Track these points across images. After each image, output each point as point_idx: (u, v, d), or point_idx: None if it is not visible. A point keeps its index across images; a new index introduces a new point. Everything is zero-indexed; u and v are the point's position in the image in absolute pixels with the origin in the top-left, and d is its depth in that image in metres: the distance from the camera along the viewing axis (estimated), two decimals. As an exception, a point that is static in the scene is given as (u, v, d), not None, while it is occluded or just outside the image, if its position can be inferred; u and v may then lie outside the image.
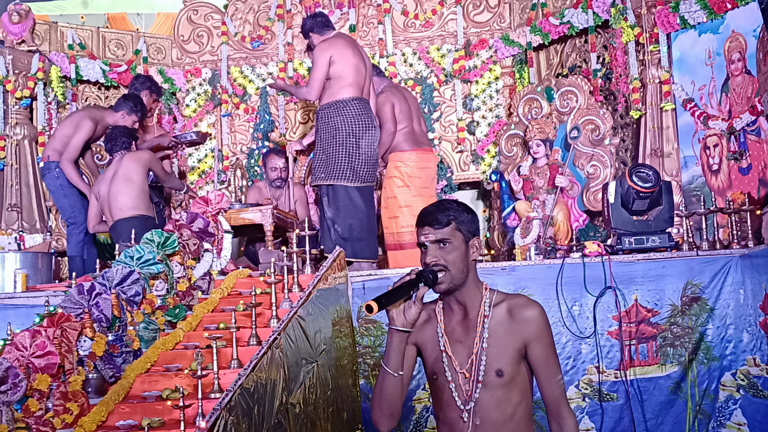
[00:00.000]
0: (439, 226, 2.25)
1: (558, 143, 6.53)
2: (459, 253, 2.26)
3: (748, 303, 4.72)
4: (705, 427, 4.75)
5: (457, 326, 2.31)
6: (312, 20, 5.82)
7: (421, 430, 4.93)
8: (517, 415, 2.25)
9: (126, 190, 5.56)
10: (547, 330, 2.28)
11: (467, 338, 2.28)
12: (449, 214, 2.26)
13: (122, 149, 5.77)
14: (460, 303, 2.31)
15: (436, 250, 2.25)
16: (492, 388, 2.23)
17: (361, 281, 5.09)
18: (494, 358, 2.24)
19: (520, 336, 2.25)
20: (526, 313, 2.27)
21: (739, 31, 5.69)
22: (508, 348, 2.25)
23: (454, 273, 2.25)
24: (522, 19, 7.36)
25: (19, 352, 2.98)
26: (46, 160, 6.30)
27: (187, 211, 4.84)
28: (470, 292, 2.30)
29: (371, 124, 5.59)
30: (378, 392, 2.31)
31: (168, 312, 4.00)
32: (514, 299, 2.31)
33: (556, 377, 2.28)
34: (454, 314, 2.33)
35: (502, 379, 2.23)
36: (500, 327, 2.26)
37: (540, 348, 2.26)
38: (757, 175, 5.43)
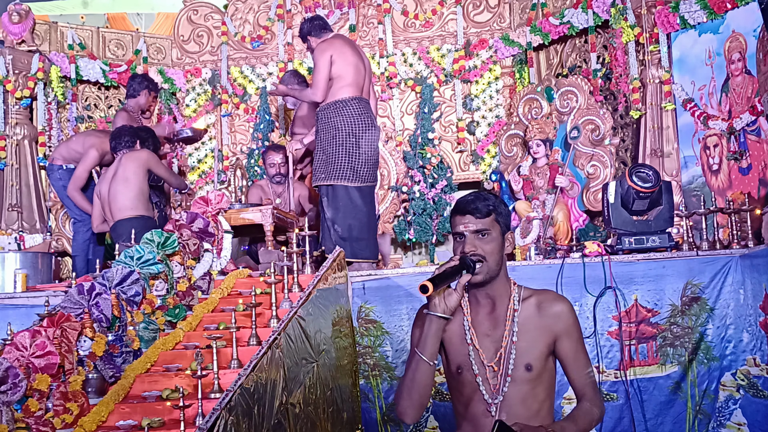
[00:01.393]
0: (480, 215, 2.23)
1: (558, 143, 6.53)
2: (497, 244, 2.24)
3: (748, 303, 4.72)
4: (705, 427, 4.75)
5: (485, 320, 2.30)
6: (309, 23, 5.84)
7: (421, 430, 4.94)
8: (542, 412, 2.25)
9: (124, 191, 5.55)
10: (576, 324, 2.29)
11: (495, 332, 2.27)
12: (489, 204, 2.24)
13: (125, 148, 5.76)
14: (490, 296, 2.30)
15: (474, 240, 2.23)
16: (520, 382, 2.22)
17: (361, 281, 5.09)
18: (523, 352, 2.23)
19: (550, 330, 2.26)
20: (556, 308, 2.27)
21: (739, 31, 5.69)
22: (537, 342, 2.25)
23: (491, 264, 2.23)
24: (522, 19, 7.36)
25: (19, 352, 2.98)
26: (51, 161, 6.47)
27: (187, 211, 4.83)
28: (500, 287, 2.29)
29: (371, 124, 5.60)
30: (409, 381, 2.26)
31: (168, 312, 4.00)
32: (542, 294, 2.32)
33: (586, 370, 2.29)
34: (481, 307, 2.31)
35: (531, 374, 2.23)
36: (529, 321, 2.26)
37: (569, 342, 2.27)
38: (757, 175, 5.43)
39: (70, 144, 6.53)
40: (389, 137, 7.41)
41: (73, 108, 7.48)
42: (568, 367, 2.29)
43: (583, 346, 2.30)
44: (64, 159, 6.43)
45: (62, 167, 6.39)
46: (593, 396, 2.29)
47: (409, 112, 7.62)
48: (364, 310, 5.04)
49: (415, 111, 7.52)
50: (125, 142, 5.81)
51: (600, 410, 2.29)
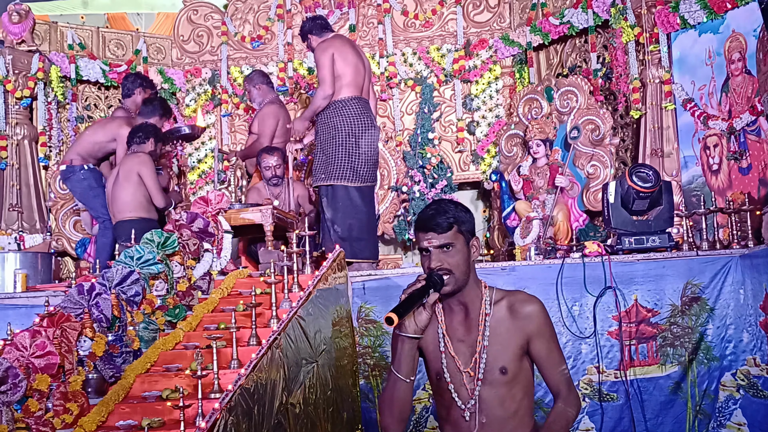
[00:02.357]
0: (441, 230, 2.25)
1: (558, 143, 6.53)
2: (462, 255, 2.26)
3: (748, 303, 4.72)
4: (705, 427, 4.75)
5: (459, 326, 2.32)
6: (311, 22, 5.84)
7: (420, 430, 4.94)
8: (521, 411, 2.27)
9: (124, 191, 5.55)
10: (547, 324, 2.30)
11: (469, 337, 2.29)
12: (449, 217, 2.25)
13: (134, 144, 5.71)
14: (462, 303, 2.31)
15: (439, 255, 2.26)
16: (496, 385, 2.24)
17: (361, 281, 5.09)
18: (497, 355, 2.25)
19: (522, 332, 2.27)
20: (526, 309, 2.28)
21: (739, 31, 5.69)
22: (510, 345, 2.26)
23: (458, 275, 2.26)
24: (522, 19, 7.35)
25: (19, 352, 2.98)
26: (69, 163, 6.14)
27: (187, 211, 4.83)
28: (471, 292, 2.31)
29: (371, 124, 5.60)
30: (389, 398, 2.30)
31: (168, 312, 4.00)
32: (513, 296, 2.32)
33: (559, 368, 2.30)
34: (454, 314, 2.33)
35: (506, 377, 2.25)
36: (501, 324, 2.27)
37: (542, 342, 2.28)
38: (757, 175, 5.43)
39: (89, 138, 6.22)
40: (389, 137, 7.41)
41: (73, 108, 7.49)
42: (542, 366, 2.30)
43: (556, 345, 2.32)
44: (84, 158, 6.14)
45: (83, 167, 6.11)
46: (567, 394, 2.30)
47: (409, 112, 7.62)
48: (364, 310, 5.04)
49: (415, 111, 7.52)
50: (138, 138, 5.71)
51: (575, 408, 2.31)
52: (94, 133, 6.24)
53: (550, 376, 2.30)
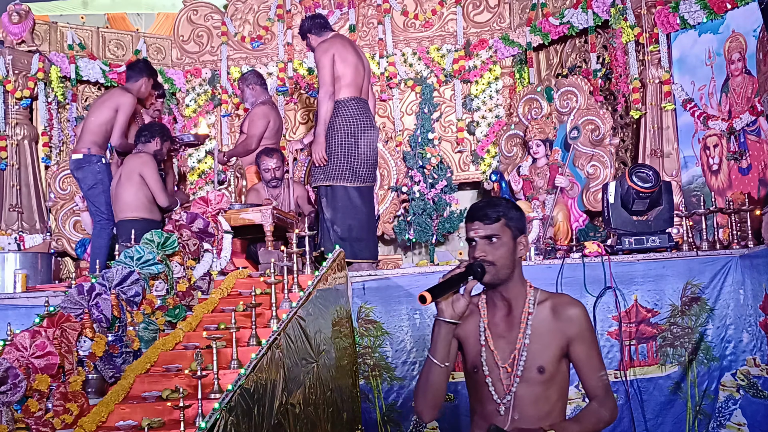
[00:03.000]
0: (488, 221, 2.29)
1: (558, 143, 6.53)
2: (507, 249, 2.29)
3: (748, 303, 4.72)
4: (705, 427, 4.75)
5: (501, 321, 2.35)
6: (310, 21, 5.83)
7: (420, 430, 4.94)
8: (554, 413, 2.29)
9: (125, 192, 5.55)
10: (589, 328, 2.33)
11: (510, 334, 2.31)
12: (499, 210, 2.30)
13: (140, 143, 5.69)
14: (505, 299, 2.35)
15: (484, 245, 2.29)
16: (532, 384, 2.26)
17: (361, 281, 5.09)
18: (536, 354, 2.28)
19: (563, 334, 2.29)
20: (570, 312, 2.31)
21: (739, 31, 5.69)
22: (550, 345, 2.29)
23: (500, 268, 2.28)
24: (522, 19, 7.35)
25: (19, 353, 2.98)
26: (86, 152, 5.85)
27: (187, 211, 4.83)
28: (515, 289, 2.34)
29: (370, 124, 5.60)
30: (423, 383, 2.34)
31: (168, 312, 4.00)
32: (557, 298, 2.36)
33: (598, 373, 2.32)
34: (497, 310, 2.36)
35: (543, 376, 2.27)
36: (543, 325, 2.30)
37: (582, 346, 2.30)
38: (757, 175, 5.43)
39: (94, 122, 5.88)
40: (389, 137, 7.41)
41: (73, 108, 7.49)
42: (581, 370, 2.33)
43: (596, 350, 2.34)
44: (100, 147, 5.88)
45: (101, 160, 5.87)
46: (604, 398, 2.32)
47: (409, 112, 7.62)
48: (364, 311, 5.04)
49: (415, 111, 7.52)
50: (143, 136, 5.68)
51: (610, 413, 2.31)
52: (98, 115, 5.92)
53: (589, 381, 2.32)
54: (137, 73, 6.11)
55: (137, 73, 6.11)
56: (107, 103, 5.94)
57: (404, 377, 4.98)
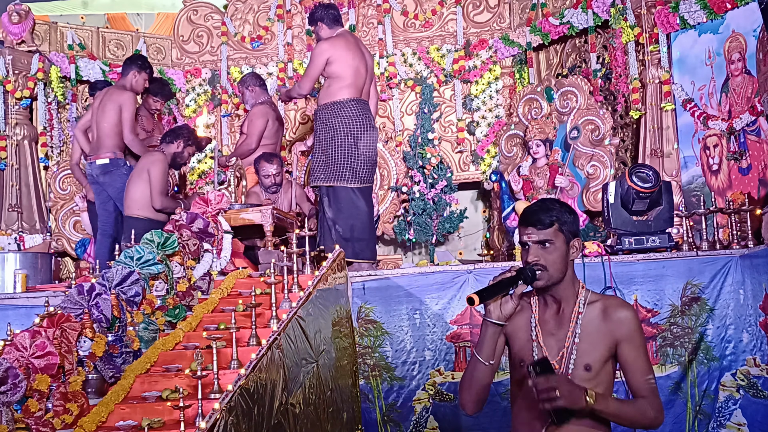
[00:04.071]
0: (542, 226, 2.31)
1: (558, 143, 6.53)
2: (560, 253, 2.32)
3: (748, 303, 4.72)
4: (705, 427, 4.75)
5: (551, 319, 2.38)
6: (324, 10, 5.76)
7: (420, 430, 4.93)
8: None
9: (133, 188, 5.56)
10: (638, 331, 2.34)
11: (559, 332, 2.35)
12: (552, 215, 2.32)
13: (164, 143, 5.72)
14: (556, 299, 2.38)
15: (538, 250, 2.31)
16: (578, 381, 2.28)
17: (361, 281, 5.09)
18: (584, 353, 2.30)
19: (612, 335, 2.32)
20: (620, 314, 2.33)
21: (739, 31, 5.69)
22: (598, 345, 2.31)
23: (553, 272, 2.31)
24: (522, 20, 7.36)
25: (19, 353, 2.98)
26: (112, 157, 5.91)
27: (187, 211, 4.83)
28: (566, 290, 2.36)
29: (369, 125, 5.60)
30: (468, 378, 2.38)
31: (168, 312, 4.00)
32: (608, 300, 2.38)
33: (646, 376, 2.33)
34: (548, 308, 2.40)
35: (589, 374, 2.30)
36: (592, 324, 2.33)
37: (630, 348, 2.32)
38: (757, 175, 5.43)
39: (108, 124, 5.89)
40: (389, 137, 7.41)
41: (73, 108, 7.49)
42: (628, 372, 2.35)
43: (644, 353, 2.36)
44: (122, 150, 5.94)
45: (127, 163, 5.94)
46: (653, 399, 2.33)
47: (409, 112, 7.62)
48: (364, 311, 5.04)
49: (415, 111, 7.52)
50: (168, 137, 5.71)
51: (656, 414, 2.31)
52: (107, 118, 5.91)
53: (636, 383, 2.34)
54: (127, 66, 6.16)
55: (127, 66, 6.16)
56: (109, 104, 5.95)
57: (404, 377, 4.98)
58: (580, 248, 2.37)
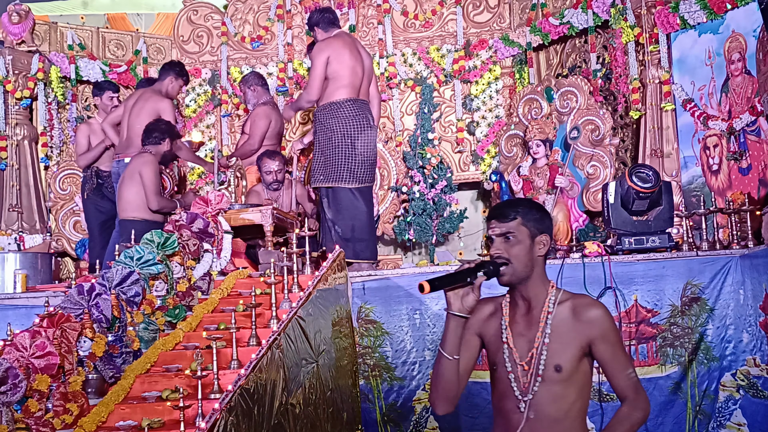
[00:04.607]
0: (504, 219, 2.32)
1: (558, 143, 6.53)
2: (523, 247, 2.31)
3: (748, 303, 4.72)
4: (705, 427, 4.75)
5: (521, 320, 2.37)
6: (319, 14, 5.82)
7: (420, 430, 4.94)
8: (572, 413, 2.31)
9: (127, 191, 5.55)
10: (611, 329, 2.34)
11: (529, 332, 2.33)
12: (516, 209, 2.33)
13: (151, 143, 5.63)
14: (525, 298, 2.36)
15: (501, 243, 2.32)
16: (550, 382, 2.28)
17: (361, 281, 5.09)
18: (554, 353, 2.29)
19: (584, 335, 2.31)
20: (591, 314, 2.32)
21: (739, 32, 5.69)
22: (569, 345, 2.30)
23: (517, 266, 2.30)
24: (522, 20, 7.36)
25: (19, 353, 2.98)
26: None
27: (187, 211, 4.83)
28: (535, 288, 2.35)
29: (367, 125, 5.59)
30: (435, 375, 2.37)
31: (168, 312, 4.00)
32: (578, 299, 2.36)
33: (626, 371, 2.35)
34: (518, 308, 2.39)
35: (560, 375, 2.28)
36: (563, 324, 2.31)
37: (606, 346, 2.31)
38: (757, 175, 5.43)
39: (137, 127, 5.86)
40: (389, 137, 7.41)
41: (73, 108, 7.49)
42: (607, 370, 2.36)
43: (621, 349, 2.36)
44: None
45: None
46: (634, 398, 2.35)
47: (409, 113, 7.62)
48: (364, 311, 5.04)
49: (415, 111, 7.52)
50: (154, 138, 5.63)
51: (643, 412, 2.34)
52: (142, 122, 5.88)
53: (616, 380, 2.35)
54: (165, 72, 6.28)
55: (165, 72, 6.28)
56: (146, 108, 6.01)
57: (404, 377, 4.98)
58: (547, 245, 2.35)
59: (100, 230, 6.30)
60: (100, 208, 6.32)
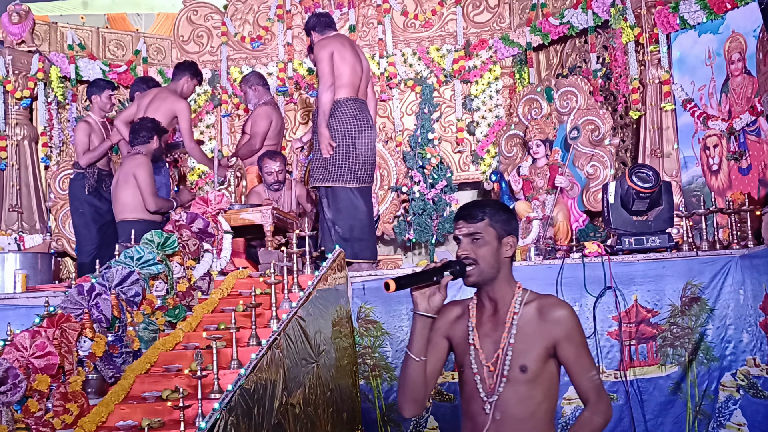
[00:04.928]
0: (472, 220, 2.31)
1: (558, 143, 6.53)
2: (490, 248, 2.31)
3: (748, 303, 4.72)
4: (705, 427, 4.75)
5: (487, 321, 2.36)
6: (316, 18, 5.85)
7: (420, 430, 4.94)
8: (538, 414, 2.29)
9: (122, 193, 5.55)
10: (577, 330, 2.32)
11: (495, 333, 2.32)
12: (484, 211, 2.33)
13: (140, 143, 5.63)
14: (491, 299, 2.36)
15: (468, 244, 2.32)
16: (515, 383, 2.27)
17: (361, 281, 5.09)
18: (520, 354, 2.28)
19: (549, 335, 2.29)
20: (556, 314, 2.30)
21: (739, 32, 5.69)
22: (534, 346, 2.29)
23: (484, 267, 2.30)
24: (522, 20, 7.36)
25: (19, 353, 2.98)
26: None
27: (187, 211, 4.83)
28: (502, 289, 2.35)
29: (367, 124, 5.59)
30: (402, 377, 2.37)
31: (168, 312, 4.00)
32: (544, 299, 2.36)
33: (589, 373, 2.32)
34: (485, 310, 2.38)
35: (526, 376, 2.27)
36: (529, 325, 2.30)
37: (570, 347, 2.29)
38: (757, 175, 5.43)
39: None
40: (389, 137, 7.41)
41: (73, 108, 7.48)
42: (571, 371, 2.33)
43: (585, 350, 2.34)
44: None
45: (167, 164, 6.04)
46: (596, 401, 2.32)
47: (408, 113, 7.62)
48: (364, 311, 5.04)
49: (415, 111, 7.52)
50: (142, 137, 5.62)
51: (604, 416, 2.32)
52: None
53: (579, 382, 2.32)
54: (180, 72, 6.31)
55: (180, 72, 6.31)
56: (162, 108, 6.03)
57: (404, 377, 4.97)
58: (514, 246, 2.35)
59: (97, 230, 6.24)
60: (99, 210, 6.28)
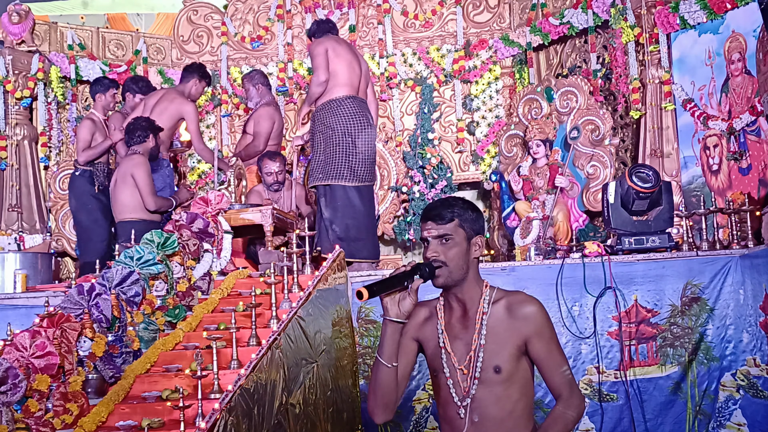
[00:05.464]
0: (441, 221, 2.27)
1: (558, 143, 6.53)
2: (460, 249, 2.27)
3: (748, 303, 4.72)
4: (705, 427, 4.75)
5: (457, 323, 2.32)
6: (317, 25, 5.92)
7: (420, 430, 4.93)
8: (516, 412, 2.26)
9: (121, 194, 5.55)
10: (546, 325, 2.28)
11: (466, 335, 2.28)
12: (453, 211, 2.28)
13: (136, 143, 5.62)
14: (460, 300, 2.32)
15: (437, 246, 2.27)
16: (490, 384, 2.23)
17: (361, 282, 5.09)
18: (492, 354, 2.24)
19: (519, 332, 2.25)
20: (525, 310, 2.27)
21: (739, 32, 5.69)
22: (506, 345, 2.25)
23: (453, 269, 2.26)
24: (522, 20, 7.36)
25: (19, 353, 2.98)
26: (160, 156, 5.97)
27: (187, 211, 4.83)
28: (470, 290, 2.30)
29: (367, 123, 5.60)
30: (372, 382, 2.33)
31: (168, 312, 4.00)
32: (512, 296, 2.31)
33: (560, 369, 2.28)
34: (453, 311, 2.34)
35: (500, 376, 2.24)
36: (499, 324, 2.26)
37: (541, 343, 2.26)
38: (757, 175, 5.43)
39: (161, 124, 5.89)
40: (389, 137, 7.41)
41: (73, 108, 7.48)
42: (542, 367, 2.29)
43: (556, 346, 2.30)
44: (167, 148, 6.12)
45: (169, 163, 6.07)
46: (568, 396, 2.28)
47: (409, 113, 7.62)
48: (364, 311, 5.04)
49: (415, 111, 7.53)
50: (137, 137, 5.60)
51: (576, 411, 2.28)
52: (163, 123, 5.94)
53: (551, 378, 2.28)
54: (188, 74, 6.33)
55: (188, 74, 6.33)
56: (169, 110, 6.06)
57: (404, 377, 4.97)
58: (482, 246, 2.31)
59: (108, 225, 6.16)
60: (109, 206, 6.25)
